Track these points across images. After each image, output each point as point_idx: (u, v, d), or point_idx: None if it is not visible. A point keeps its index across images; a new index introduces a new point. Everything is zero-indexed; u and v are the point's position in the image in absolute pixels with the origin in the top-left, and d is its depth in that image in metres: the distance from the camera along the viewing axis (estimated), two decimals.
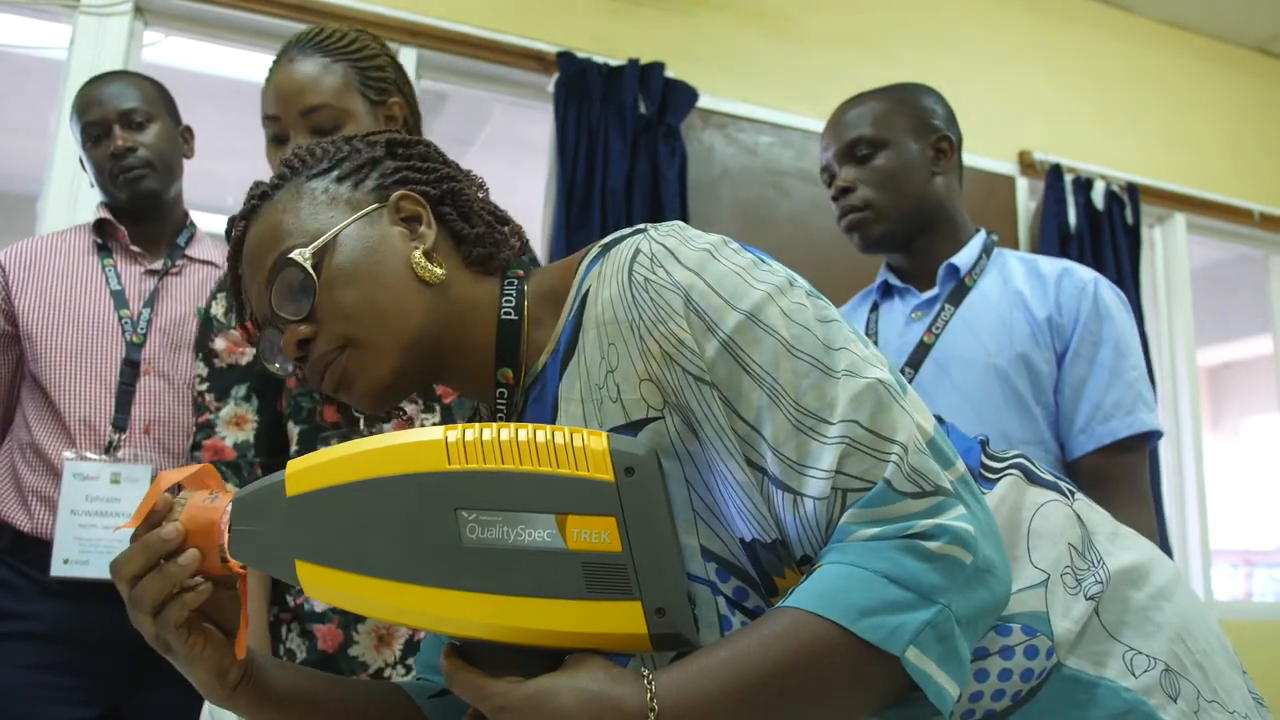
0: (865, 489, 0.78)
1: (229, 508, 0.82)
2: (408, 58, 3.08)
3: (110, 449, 1.85)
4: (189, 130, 2.14)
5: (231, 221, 1.01)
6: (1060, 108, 3.92)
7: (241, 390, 1.56)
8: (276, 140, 1.53)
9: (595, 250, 0.94)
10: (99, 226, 2.05)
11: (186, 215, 2.14)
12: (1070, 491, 0.97)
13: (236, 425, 1.55)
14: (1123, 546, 0.95)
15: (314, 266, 0.91)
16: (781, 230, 3.26)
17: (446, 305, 0.94)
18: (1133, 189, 3.81)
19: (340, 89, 1.51)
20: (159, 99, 2.08)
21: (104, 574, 1.72)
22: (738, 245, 0.90)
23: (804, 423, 0.81)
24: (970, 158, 3.66)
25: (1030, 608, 0.87)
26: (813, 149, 3.45)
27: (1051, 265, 1.77)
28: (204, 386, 1.59)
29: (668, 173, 3.12)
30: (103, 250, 2.04)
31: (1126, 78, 4.10)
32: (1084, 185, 3.73)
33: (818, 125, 3.49)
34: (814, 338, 0.83)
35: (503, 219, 1.02)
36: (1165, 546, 3.53)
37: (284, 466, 1.47)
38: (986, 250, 1.80)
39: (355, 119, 1.50)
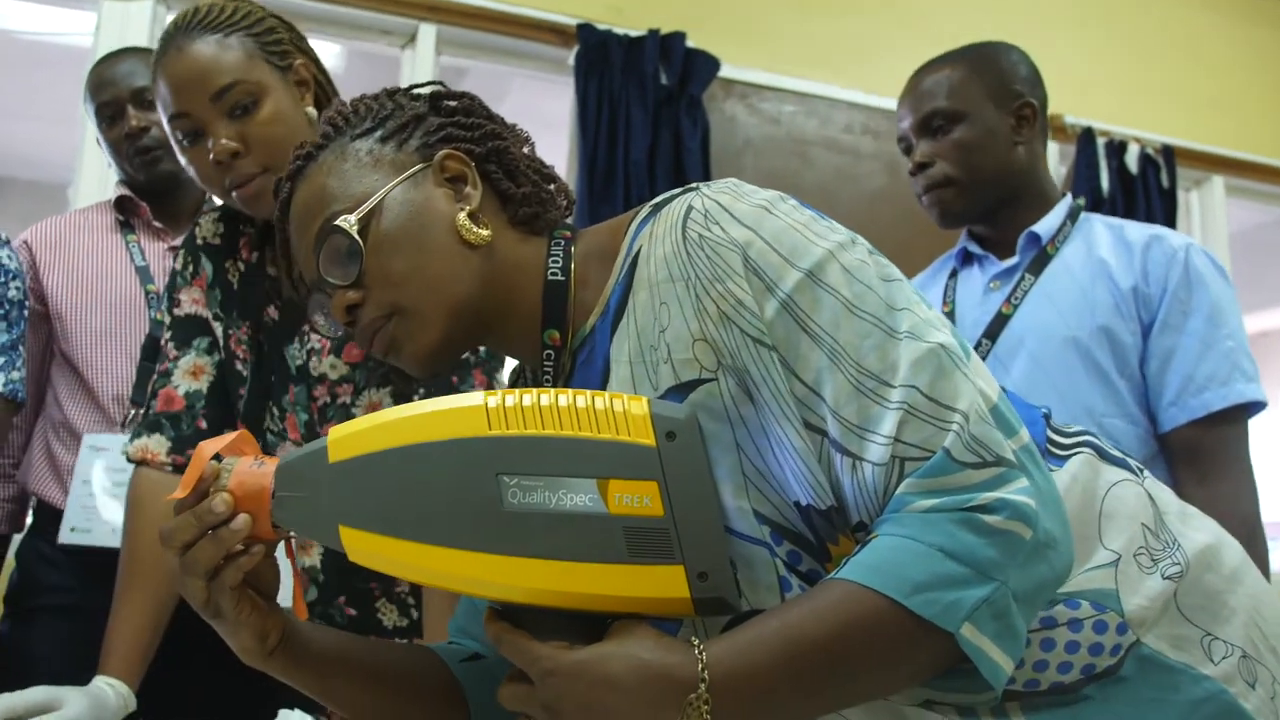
0: (924, 458, 0.77)
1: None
2: (426, 34, 3.07)
3: (126, 424, 1.86)
4: None
5: (278, 183, 1.02)
6: (1091, 69, 3.86)
7: (204, 342, 1.50)
8: (193, 137, 1.38)
9: (646, 210, 0.93)
10: (120, 203, 2.04)
11: (204, 190, 2.11)
12: (1139, 469, 0.96)
13: (193, 375, 1.49)
14: (1194, 527, 0.94)
15: (360, 232, 0.91)
16: (807, 200, 3.21)
17: (492, 267, 0.94)
18: (1168, 151, 3.74)
19: (245, 61, 1.37)
20: None
21: (106, 542, 1.73)
22: (795, 201, 0.89)
23: (865, 384, 0.79)
24: None
25: (1099, 585, 0.86)
26: (837, 117, 3.42)
27: (1140, 232, 1.70)
28: (167, 334, 1.53)
29: (690, 144, 3.10)
30: (125, 227, 2.03)
31: (1160, 36, 4.02)
32: (1117, 149, 3.67)
33: (842, 93, 3.46)
34: (876, 297, 0.82)
35: (549, 177, 1.01)
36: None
37: (229, 424, 1.37)
38: (1071, 216, 1.74)
39: (270, 90, 1.38)
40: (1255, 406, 1.61)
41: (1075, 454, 0.93)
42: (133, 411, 1.86)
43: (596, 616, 0.78)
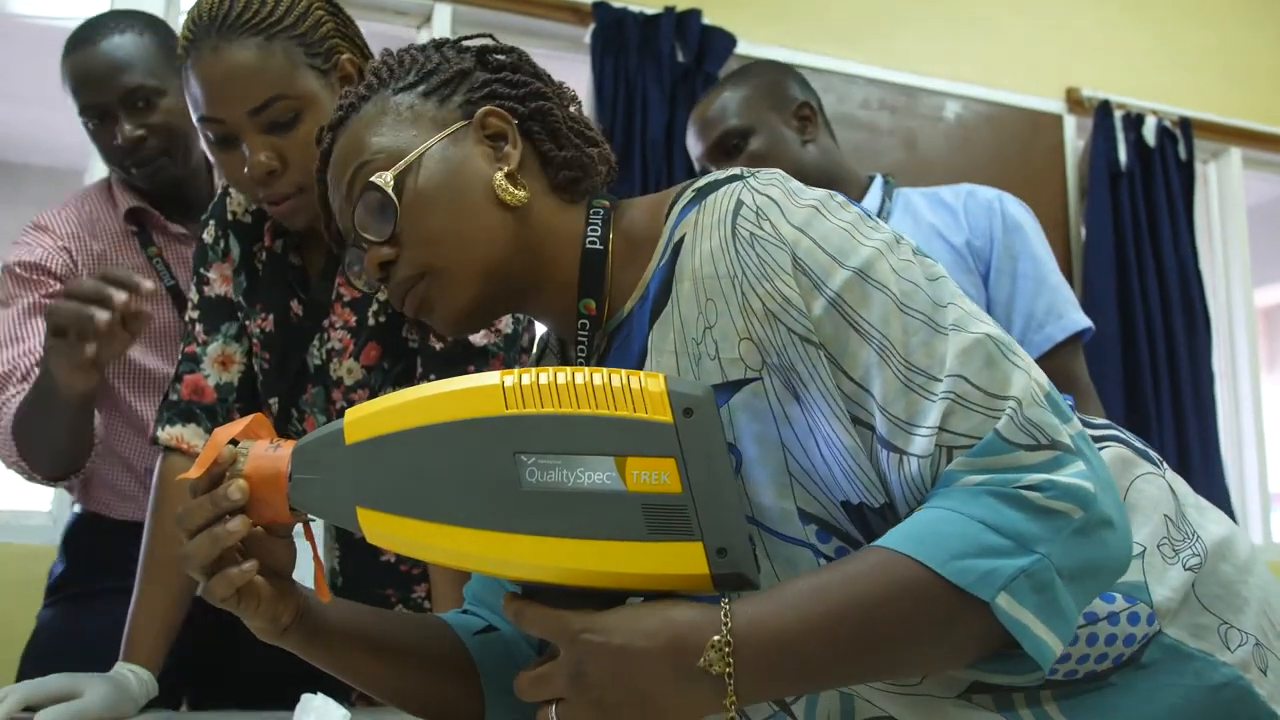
0: (973, 445, 0.76)
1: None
2: (442, 15, 3.06)
3: None
4: None
5: (320, 132, 1.02)
6: (1108, 41, 3.82)
7: (232, 328, 1.44)
8: (224, 143, 1.28)
9: (688, 195, 0.92)
10: (132, 214, 1.72)
11: (210, 169, 1.77)
12: (1159, 461, 0.95)
13: (222, 365, 1.44)
14: (1210, 519, 0.94)
15: (396, 189, 0.91)
16: None
17: (528, 231, 0.93)
18: (1185, 124, 3.72)
19: (289, 73, 1.25)
20: (164, 55, 1.64)
21: None
22: (843, 199, 0.89)
23: (914, 380, 0.79)
24: (1015, 97, 3.62)
25: (1129, 577, 0.85)
26: (854, 93, 3.40)
27: (954, 192, 1.83)
28: (195, 314, 1.46)
29: None
30: (141, 237, 1.72)
31: (1177, 8, 3.98)
32: (1134, 121, 3.64)
33: (858, 69, 3.44)
34: (924, 295, 0.82)
35: (592, 140, 1.00)
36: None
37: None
38: (887, 194, 1.84)
39: (315, 102, 1.27)
40: (1086, 331, 1.76)
41: (1104, 447, 0.92)
42: None
43: (616, 595, 0.78)
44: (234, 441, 0.84)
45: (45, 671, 1.26)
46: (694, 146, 1.89)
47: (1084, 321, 1.76)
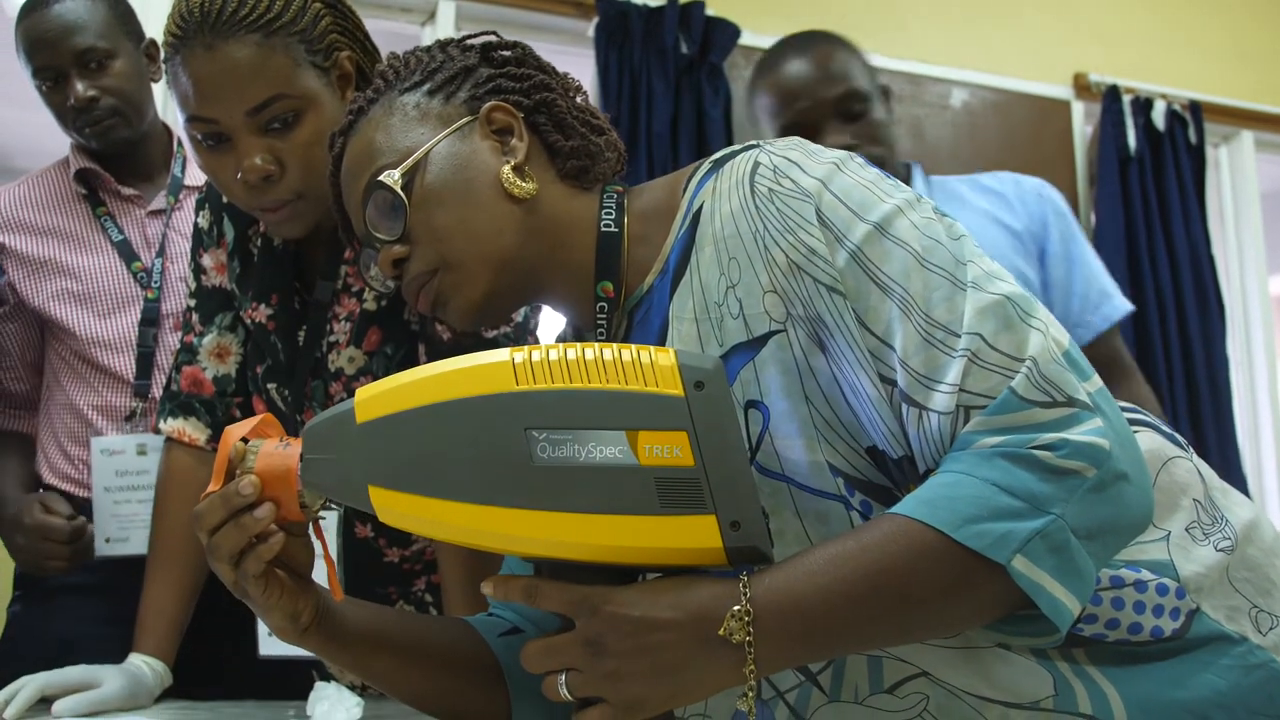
0: (989, 404, 0.76)
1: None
2: (446, 10, 3.06)
3: (131, 418, 1.70)
4: (154, 45, 1.77)
5: (332, 138, 1.04)
6: (1116, 25, 3.80)
7: (226, 318, 1.43)
8: (215, 140, 1.22)
9: (706, 166, 0.93)
10: (81, 177, 1.78)
11: (170, 134, 1.87)
12: (1185, 445, 0.96)
13: (219, 357, 1.43)
14: (1235, 502, 0.94)
15: (405, 186, 0.93)
16: None
17: (539, 221, 0.94)
18: (1195, 107, 3.69)
19: (291, 70, 1.20)
20: (116, 20, 1.72)
21: (144, 550, 1.52)
22: (862, 160, 0.90)
23: (934, 335, 0.79)
24: (1022, 83, 3.61)
25: (1152, 556, 0.86)
26: None
27: (996, 179, 1.84)
28: (192, 303, 1.46)
29: (712, 113, 3.08)
30: (91, 200, 1.78)
31: None
32: (1143, 106, 3.62)
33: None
34: (946, 251, 0.82)
35: (599, 128, 1.01)
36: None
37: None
38: (925, 181, 1.85)
39: (315, 102, 1.22)
40: (1128, 315, 1.83)
41: (1136, 432, 0.91)
42: (138, 404, 1.70)
43: (629, 570, 0.78)
44: (244, 440, 0.84)
45: (13, 675, 1.25)
46: (801, 98, 1.73)
47: (1129, 305, 1.81)
